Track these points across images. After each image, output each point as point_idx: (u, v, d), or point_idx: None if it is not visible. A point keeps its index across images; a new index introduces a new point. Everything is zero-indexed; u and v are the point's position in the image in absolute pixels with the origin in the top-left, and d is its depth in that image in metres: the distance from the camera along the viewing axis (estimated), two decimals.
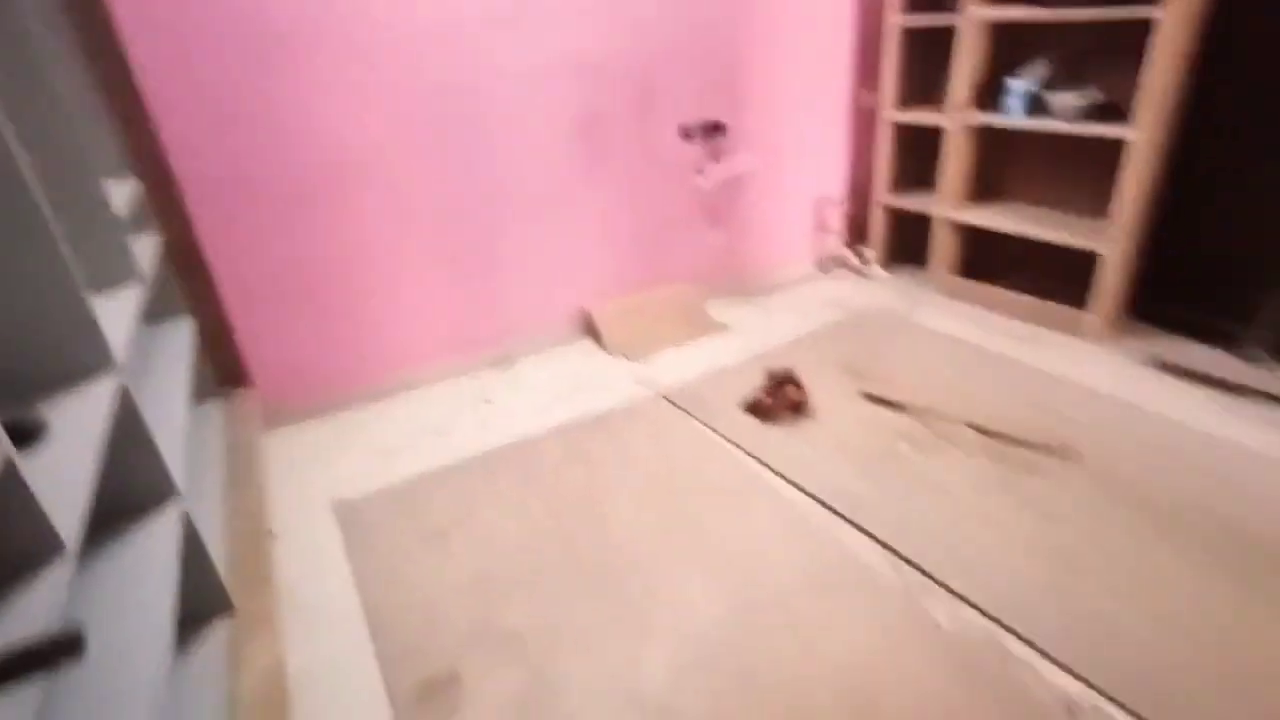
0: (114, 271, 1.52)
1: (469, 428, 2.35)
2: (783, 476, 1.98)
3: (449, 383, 2.65)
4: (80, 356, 1.12)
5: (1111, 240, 2.46)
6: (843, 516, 1.81)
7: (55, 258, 1.06)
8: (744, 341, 2.82)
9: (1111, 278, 2.53)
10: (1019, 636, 1.44)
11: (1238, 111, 2.33)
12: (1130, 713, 1.28)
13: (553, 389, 2.57)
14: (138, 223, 1.88)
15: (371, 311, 2.44)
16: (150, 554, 1.15)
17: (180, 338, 1.95)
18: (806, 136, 3.20)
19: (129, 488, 1.21)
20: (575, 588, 1.66)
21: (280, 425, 2.38)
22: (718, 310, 3.09)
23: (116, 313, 1.38)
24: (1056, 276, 2.78)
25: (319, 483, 2.11)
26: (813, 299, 3.20)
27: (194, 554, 1.31)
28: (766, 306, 3.15)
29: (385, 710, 1.40)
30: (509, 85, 2.40)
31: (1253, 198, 2.36)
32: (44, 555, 0.73)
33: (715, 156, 2.95)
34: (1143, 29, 2.20)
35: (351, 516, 1.95)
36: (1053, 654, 1.40)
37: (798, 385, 2.26)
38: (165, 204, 2.03)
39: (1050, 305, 2.74)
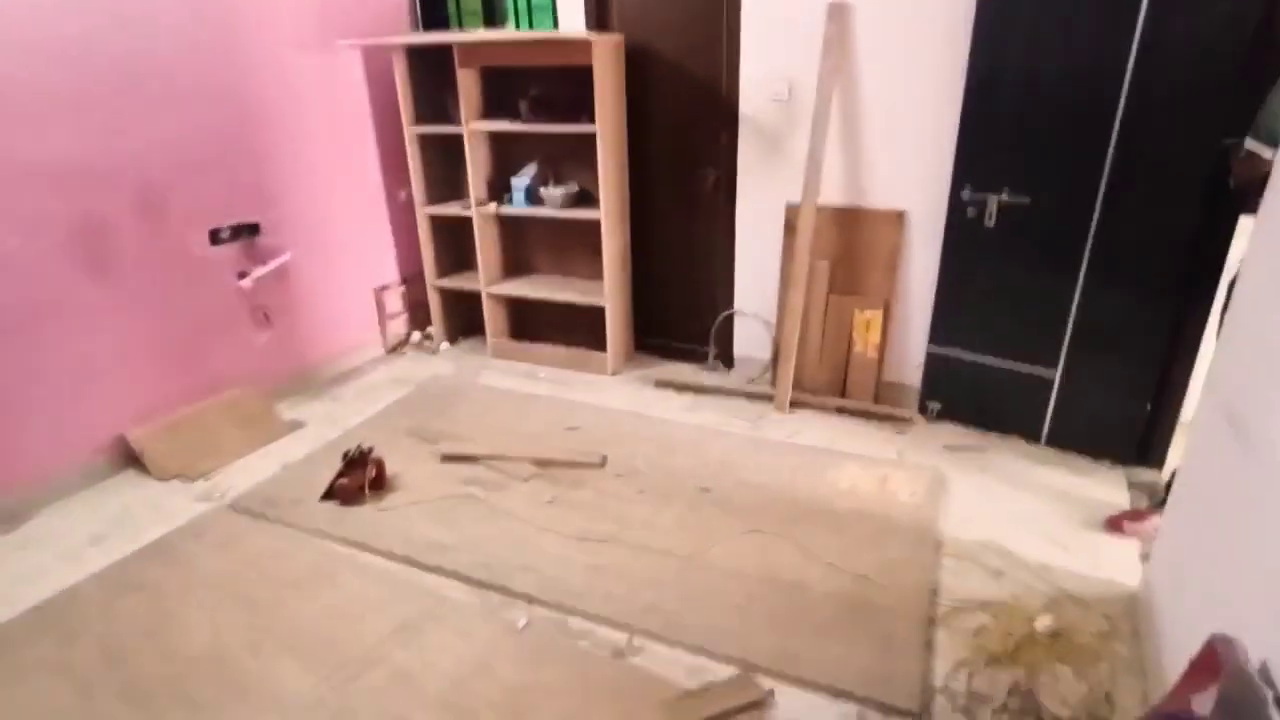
0: None
1: None
2: (365, 547, 2.07)
3: None
4: None
5: (606, 296, 3.17)
6: (424, 566, 1.99)
7: None
8: (318, 432, 2.82)
9: (614, 324, 3.26)
10: (576, 613, 1.80)
11: (657, 191, 3.27)
12: (648, 636, 1.72)
13: (86, 534, 2.21)
14: None
15: None
16: None
17: None
18: (351, 230, 3.37)
19: None
20: None
21: None
22: (288, 409, 3.01)
23: None
24: (583, 329, 3.44)
25: None
26: (383, 380, 3.34)
27: None
28: (338, 395, 3.19)
29: None
30: None
31: (689, 255, 3.31)
32: None
33: (254, 257, 2.92)
34: (593, 140, 2.95)
35: None
36: (603, 616, 1.78)
37: (374, 462, 2.38)
38: None
39: (578, 352, 3.38)
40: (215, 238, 2.76)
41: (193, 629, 1.79)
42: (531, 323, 3.67)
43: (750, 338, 3.18)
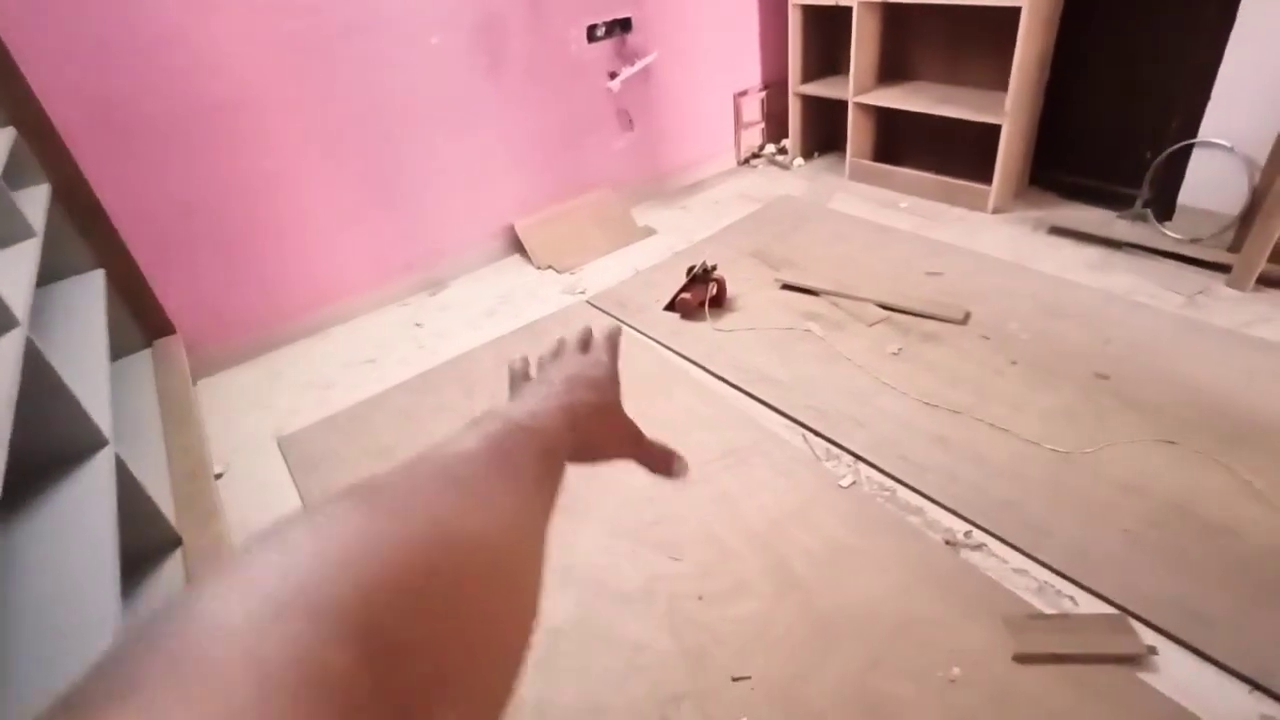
0: (2, 228, 1.49)
1: (404, 352, 2.40)
2: (700, 365, 2.10)
3: (380, 312, 2.67)
4: None
5: (1007, 112, 2.53)
6: (755, 397, 1.94)
7: None
8: (668, 242, 2.88)
9: (1010, 149, 2.63)
10: (909, 487, 1.62)
11: None
12: (994, 536, 1.47)
13: (484, 306, 2.61)
14: (20, 176, 1.81)
15: (286, 246, 2.41)
16: (86, 499, 1.20)
17: (91, 291, 1.92)
18: (717, 26, 3.15)
19: (53, 441, 1.25)
20: None
21: (214, 371, 2.39)
22: (642, 214, 3.12)
23: (11, 270, 1.38)
24: (963, 152, 2.87)
25: (259, 422, 2.15)
26: (732, 195, 3.24)
27: (132, 495, 1.37)
28: (688, 205, 3.19)
29: None
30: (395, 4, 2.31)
31: (1134, 64, 2.45)
32: None
33: (624, 56, 2.90)
34: None
35: (295, 448, 2.01)
36: (936, 498, 1.58)
37: (716, 280, 2.35)
38: (48, 153, 1.95)
39: (952, 182, 2.84)
40: (592, 34, 2.78)
41: None
42: (900, 142, 3.18)
43: (1212, 180, 2.33)
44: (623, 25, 2.83)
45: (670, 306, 2.37)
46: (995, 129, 2.59)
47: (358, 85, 2.34)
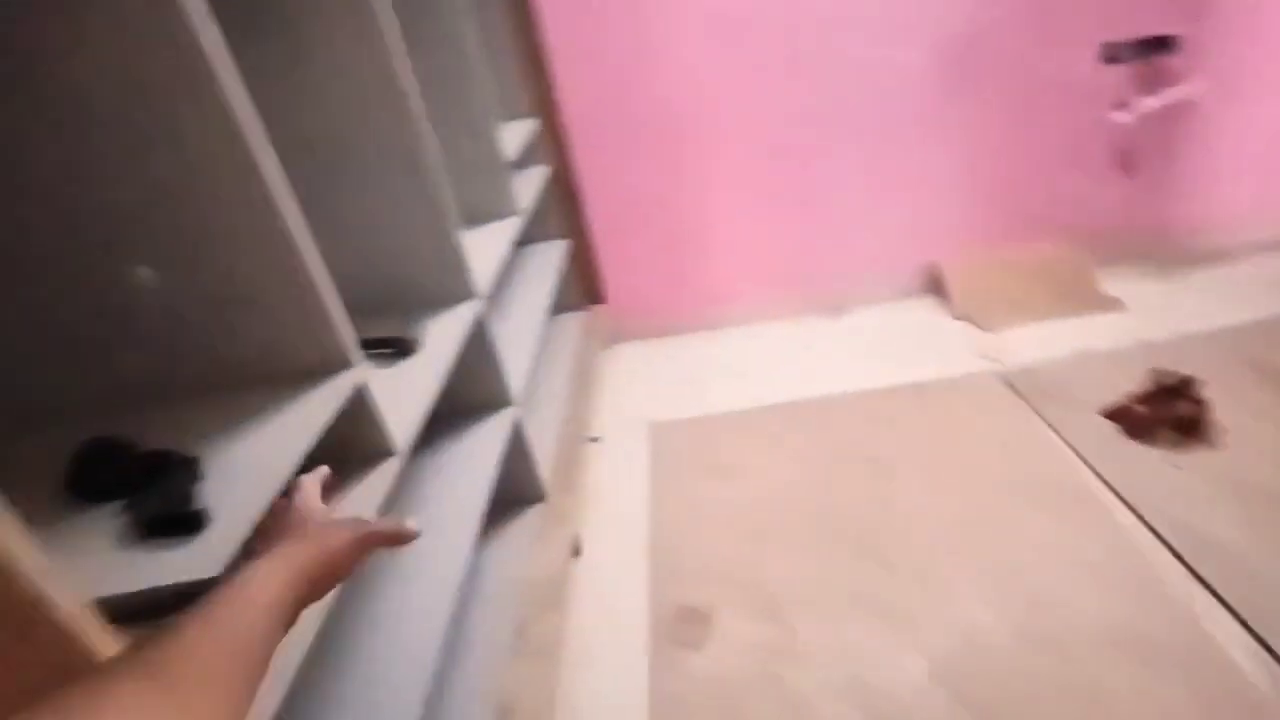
0: (495, 205, 1.84)
1: (784, 374, 2.36)
2: (1125, 502, 1.59)
3: (777, 324, 2.66)
4: (449, 286, 1.41)
5: None
6: (1195, 573, 1.39)
7: (435, 198, 1.30)
8: (1138, 324, 2.25)
9: None
10: None
11: None
12: None
13: (880, 346, 2.41)
14: (528, 159, 2.22)
15: (712, 245, 2.55)
16: (480, 450, 1.44)
17: (551, 258, 2.30)
18: None
19: (473, 396, 1.51)
20: (844, 554, 1.61)
21: (621, 342, 2.69)
22: (1113, 281, 2.48)
23: (490, 244, 1.68)
24: None
25: (639, 401, 2.35)
26: (1261, 277, 2.36)
27: (519, 453, 1.60)
28: (1184, 280, 2.44)
29: (644, 620, 1.57)
30: (875, 7, 2.18)
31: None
32: (379, 457, 0.98)
33: (1150, 83, 2.29)
34: None
35: (660, 437, 2.15)
36: None
37: (1195, 399, 1.75)
38: (553, 142, 2.37)
39: None
40: (1109, 54, 2.25)
41: (911, 486, 1.76)
42: None
43: None
44: (1159, 45, 2.22)
45: (1114, 415, 1.84)
46: None
47: (804, 83, 2.29)
